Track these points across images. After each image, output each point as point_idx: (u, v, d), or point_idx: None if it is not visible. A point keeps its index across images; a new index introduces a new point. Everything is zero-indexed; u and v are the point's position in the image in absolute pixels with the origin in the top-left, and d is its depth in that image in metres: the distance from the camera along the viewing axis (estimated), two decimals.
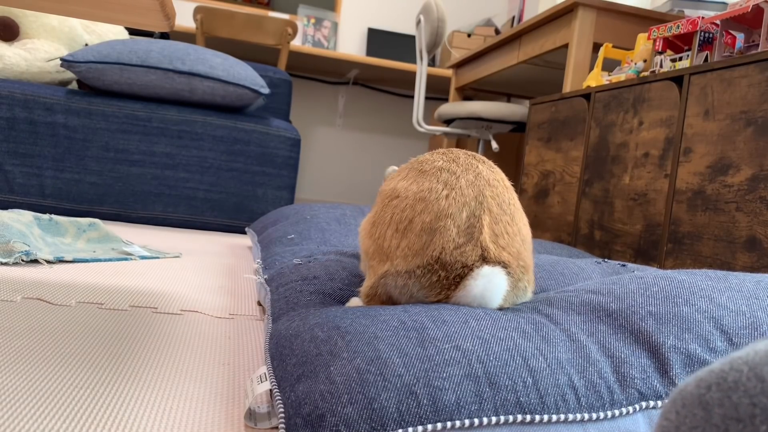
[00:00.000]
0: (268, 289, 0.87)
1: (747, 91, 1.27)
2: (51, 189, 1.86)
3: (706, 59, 1.53)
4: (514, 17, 4.59)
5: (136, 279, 1.09)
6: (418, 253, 0.61)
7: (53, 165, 1.87)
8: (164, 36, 2.67)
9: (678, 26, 1.63)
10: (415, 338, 0.49)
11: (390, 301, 0.65)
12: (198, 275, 1.20)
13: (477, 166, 0.66)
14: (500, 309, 0.61)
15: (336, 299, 0.75)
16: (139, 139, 1.92)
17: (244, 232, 2.02)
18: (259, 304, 1.01)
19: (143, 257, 1.30)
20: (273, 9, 4.27)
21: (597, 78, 2.04)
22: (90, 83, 1.91)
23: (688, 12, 2.27)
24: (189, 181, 1.97)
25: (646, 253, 1.48)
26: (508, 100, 3.76)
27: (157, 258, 1.33)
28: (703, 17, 1.57)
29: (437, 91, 4.35)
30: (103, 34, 2.32)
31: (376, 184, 4.53)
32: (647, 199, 1.52)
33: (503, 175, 0.68)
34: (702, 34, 1.57)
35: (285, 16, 4.31)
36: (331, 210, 1.44)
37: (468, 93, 3.49)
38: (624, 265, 1.02)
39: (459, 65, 3.43)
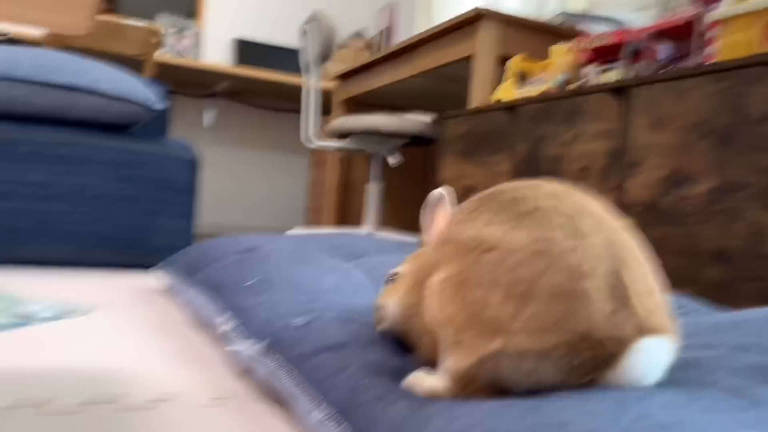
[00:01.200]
0: (276, 363, 0.68)
1: (700, 103, 1.27)
2: None
3: (640, 71, 1.53)
4: (382, 31, 4.57)
5: (59, 355, 0.84)
6: (554, 328, 0.46)
7: None
8: (11, 41, 2.28)
9: (605, 38, 1.63)
10: None
11: (494, 387, 0.49)
12: (130, 339, 0.96)
13: (586, 204, 0.53)
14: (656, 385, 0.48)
15: (391, 376, 0.59)
16: (4, 166, 1.58)
17: (142, 268, 1.73)
18: (244, 375, 0.81)
19: (47, 319, 1.03)
20: (125, 15, 3.86)
21: (510, 91, 2.00)
22: None
23: (579, 26, 2.31)
24: (71, 214, 1.65)
25: None
26: (394, 113, 3.69)
27: (65, 317, 1.06)
28: (630, 29, 1.57)
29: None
30: None
31: (261, 203, 4.28)
32: None
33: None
34: (631, 45, 1.57)
35: (146, 24, 3.95)
36: (274, 243, 1.25)
37: (353, 107, 3.38)
38: None
39: (343, 77, 3.31)
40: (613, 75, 1.58)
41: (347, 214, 3.42)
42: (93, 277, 1.57)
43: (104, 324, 1.04)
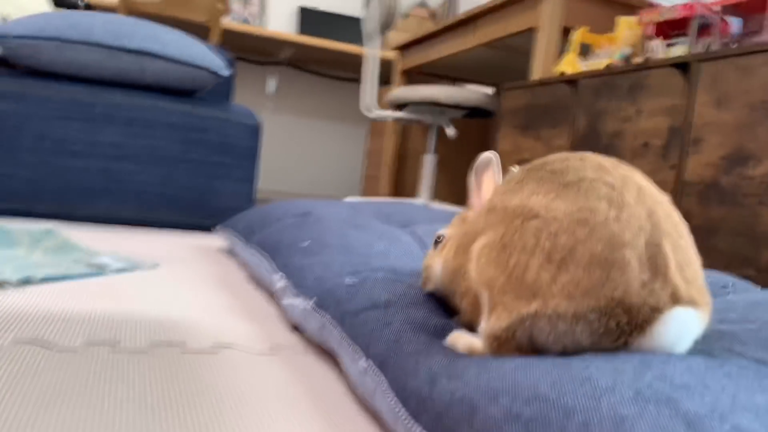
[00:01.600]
0: (327, 318, 0.72)
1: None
2: None
3: (708, 46, 1.49)
4: (447, 0, 4.52)
5: (129, 302, 0.91)
6: (591, 293, 0.48)
7: None
8: (88, 8, 2.38)
9: (672, 11, 1.58)
10: (675, 417, 0.37)
11: (530, 347, 0.52)
12: (193, 292, 1.02)
13: (632, 177, 0.54)
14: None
15: (431, 333, 0.62)
16: (80, 126, 1.67)
17: (202, 230, 1.82)
18: (295, 329, 0.86)
19: (118, 270, 1.11)
20: None
21: (573, 63, 1.97)
22: (21, 62, 1.64)
23: None
24: (139, 174, 1.74)
25: None
26: (453, 85, 3.68)
27: (134, 270, 1.13)
28: (700, 2, 1.52)
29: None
30: (23, 5, 2.03)
31: (319, 171, 4.36)
32: None
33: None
34: (699, 19, 1.52)
35: None
36: (329, 208, 1.29)
37: (414, 77, 3.38)
38: None
39: (404, 47, 3.31)
40: (678, 50, 1.54)
41: (403, 184, 3.45)
42: (158, 235, 1.66)
43: (169, 278, 1.11)
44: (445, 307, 0.70)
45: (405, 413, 0.47)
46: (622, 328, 0.47)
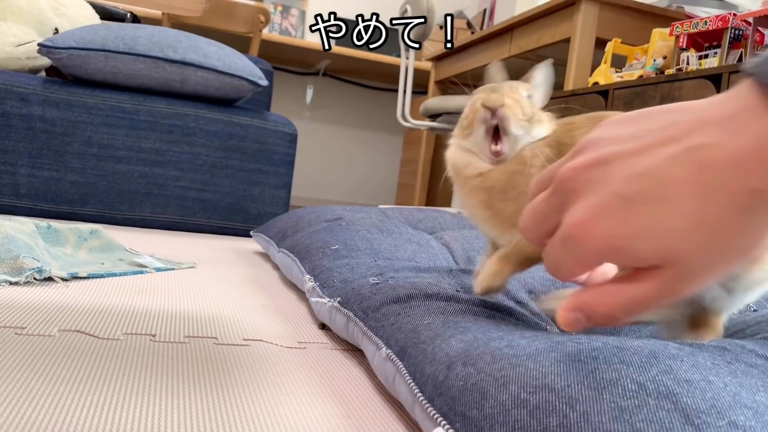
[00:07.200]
0: (351, 314, 0.75)
1: None
2: (26, 188, 1.67)
3: (740, 58, 1.49)
4: (485, 10, 4.53)
5: (167, 298, 0.95)
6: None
7: (29, 162, 1.67)
8: (135, 20, 2.48)
9: (705, 23, 1.58)
10: (674, 411, 0.39)
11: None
12: (228, 291, 1.07)
13: None
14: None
15: (448, 314, 0.64)
16: (125, 133, 1.75)
17: (240, 235, 1.87)
18: (323, 327, 0.89)
19: (158, 269, 1.16)
20: None
21: (606, 74, 1.98)
22: (70, 72, 1.72)
23: (687, 9, 2.24)
24: (180, 180, 1.81)
25: None
26: None
27: (173, 270, 1.19)
28: (734, 14, 1.52)
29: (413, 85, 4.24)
30: (74, 17, 2.12)
31: (354, 179, 4.41)
32: None
33: None
34: (732, 31, 1.52)
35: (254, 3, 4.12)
36: (360, 214, 1.33)
37: (450, 87, 3.41)
38: None
39: (439, 58, 3.34)
40: (712, 61, 1.54)
41: (437, 193, 3.48)
42: (197, 239, 1.71)
43: (205, 277, 1.15)
44: (466, 297, 0.72)
45: (422, 396, 0.50)
46: None
